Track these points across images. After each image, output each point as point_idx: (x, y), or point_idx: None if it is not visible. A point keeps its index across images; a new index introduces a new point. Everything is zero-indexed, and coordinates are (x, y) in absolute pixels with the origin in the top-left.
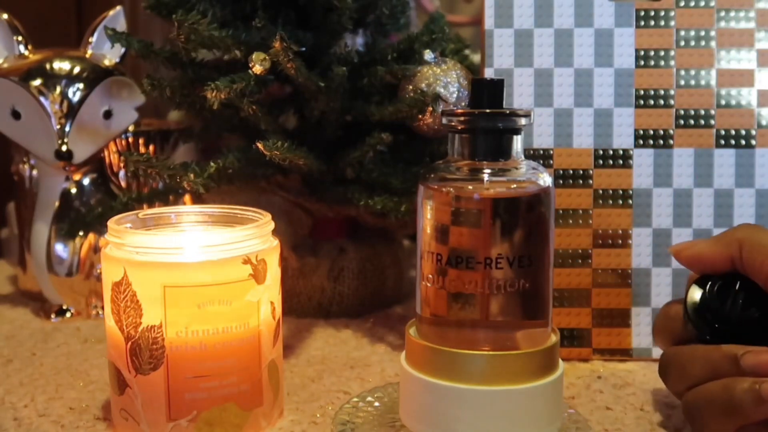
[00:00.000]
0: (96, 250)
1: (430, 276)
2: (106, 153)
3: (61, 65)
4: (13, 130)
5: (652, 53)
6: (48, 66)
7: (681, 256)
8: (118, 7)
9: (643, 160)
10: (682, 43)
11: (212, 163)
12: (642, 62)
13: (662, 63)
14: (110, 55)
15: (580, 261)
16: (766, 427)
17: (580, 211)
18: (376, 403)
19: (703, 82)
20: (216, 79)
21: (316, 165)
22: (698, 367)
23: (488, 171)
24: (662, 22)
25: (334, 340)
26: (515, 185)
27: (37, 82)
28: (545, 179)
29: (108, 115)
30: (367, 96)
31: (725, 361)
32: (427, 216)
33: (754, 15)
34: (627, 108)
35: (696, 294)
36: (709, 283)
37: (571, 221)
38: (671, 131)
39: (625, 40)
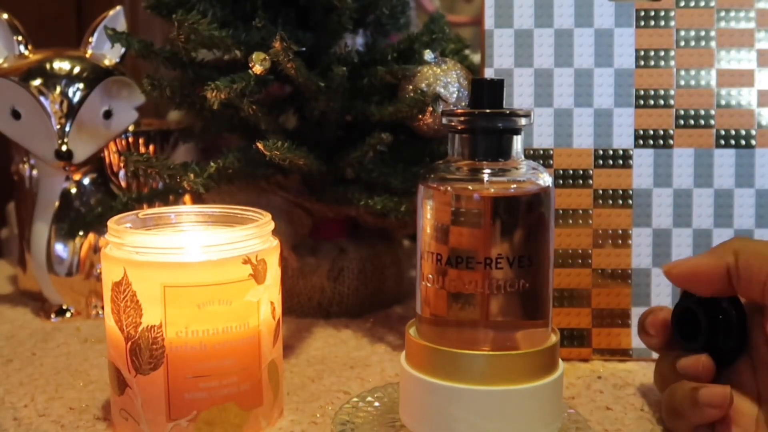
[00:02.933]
0: (96, 250)
1: (430, 276)
2: (106, 153)
3: (61, 65)
4: (13, 130)
5: (652, 53)
6: (48, 66)
7: (672, 273)
8: (118, 7)
9: (643, 160)
10: (682, 43)
11: (212, 163)
12: (642, 62)
13: (662, 63)
14: (110, 55)
15: (580, 261)
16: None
17: (580, 211)
18: (376, 403)
19: (703, 82)
20: (216, 79)
21: (316, 165)
22: (668, 374)
23: (488, 171)
24: (662, 22)
25: (334, 340)
26: (515, 185)
27: (37, 82)
28: (545, 179)
29: (108, 115)
30: (367, 96)
31: (674, 368)
32: (427, 216)
33: (754, 15)
34: (627, 108)
35: (682, 303)
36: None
37: (571, 221)
38: (671, 131)
39: (625, 40)
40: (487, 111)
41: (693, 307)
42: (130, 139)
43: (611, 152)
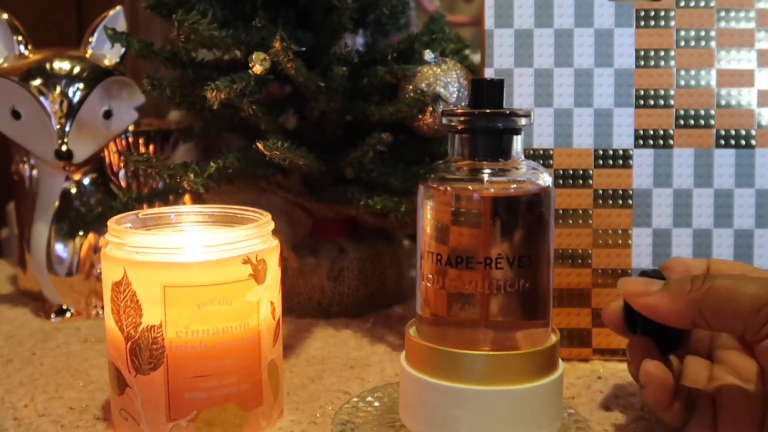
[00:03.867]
0: (96, 250)
1: (430, 276)
2: (106, 153)
3: (61, 65)
4: (13, 130)
5: (652, 53)
6: (48, 66)
7: (635, 303)
8: (118, 7)
9: (643, 160)
10: (682, 43)
11: (212, 163)
12: (642, 62)
13: (662, 63)
14: (110, 55)
15: (580, 261)
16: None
17: (580, 211)
18: (376, 403)
19: (703, 82)
20: (216, 79)
21: (316, 165)
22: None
23: (488, 171)
24: (662, 22)
25: (334, 340)
26: (515, 185)
27: (37, 82)
28: (545, 179)
29: (108, 115)
30: (367, 96)
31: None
32: (427, 216)
33: (754, 15)
34: (627, 108)
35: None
36: None
37: (571, 221)
38: (671, 131)
39: (625, 40)
40: (487, 111)
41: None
42: (130, 139)
43: (611, 152)
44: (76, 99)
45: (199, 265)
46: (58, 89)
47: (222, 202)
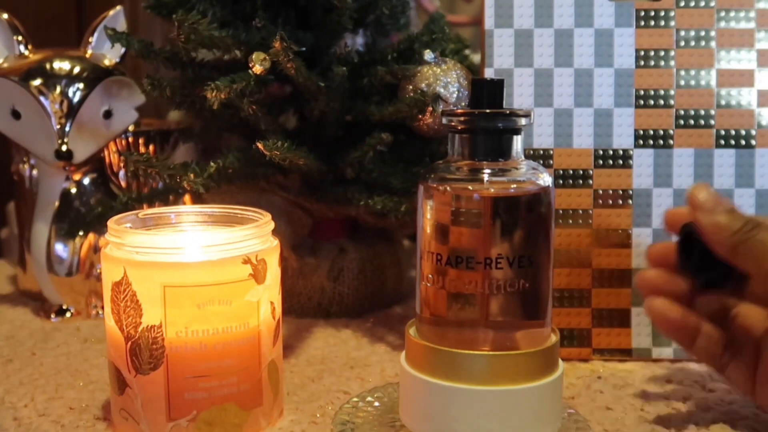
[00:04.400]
0: (96, 249)
1: (430, 276)
2: (106, 153)
3: (61, 65)
4: (13, 130)
5: (652, 53)
6: (48, 66)
7: (693, 213)
8: (118, 7)
9: (643, 160)
10: (682, 43)
11: (212, 163)
12: (642, 62)
13: (662, 63)
14: (110, 55)
15: (580, 260)
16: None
17: (580, 211)
18: (376, 403)
19: (703, 82)
20: (216, 79)
21: (316, 165)
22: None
23: (488, 171)
24: (662, 22)
25: (334, 340)
26: (515, 185)
27: (37, 82)
28: (545, 179)
29: (108, 115)
30: (367, 96)
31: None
32: (427, 216)
33: (754, 15)
34: (627, 108)
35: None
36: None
37: (571, 221)
38: (671, 131)
39: (625, 40)
40: (487, 111)
41: (694, 235)
42: (130, 139)
43: (611, 152)
44: (76, 99)
45: (199, 265)
46: (58, 89)
47: (222, 202)
